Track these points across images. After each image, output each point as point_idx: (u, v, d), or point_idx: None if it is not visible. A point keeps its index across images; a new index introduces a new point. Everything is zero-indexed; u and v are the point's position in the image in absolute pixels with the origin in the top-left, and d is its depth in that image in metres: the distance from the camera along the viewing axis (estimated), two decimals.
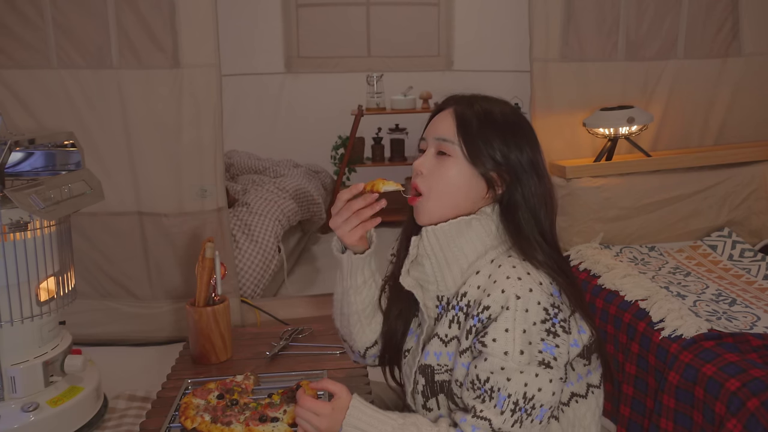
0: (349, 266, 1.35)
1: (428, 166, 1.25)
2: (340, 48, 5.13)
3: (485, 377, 1.13)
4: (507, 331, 1.12)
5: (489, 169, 1.22)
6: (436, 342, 1.26)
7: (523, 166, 1.23)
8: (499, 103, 1.29)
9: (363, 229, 1.28)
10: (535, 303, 1.13)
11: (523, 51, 2.92)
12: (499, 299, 1.14)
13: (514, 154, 1.23)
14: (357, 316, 1.40)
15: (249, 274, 3.16)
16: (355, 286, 1.37)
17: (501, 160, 1.22)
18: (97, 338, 2.85)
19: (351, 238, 1.29)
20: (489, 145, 1.22)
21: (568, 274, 1.22)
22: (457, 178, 1.23)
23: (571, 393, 1.24)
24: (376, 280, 1.40)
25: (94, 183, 2.15)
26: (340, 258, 1.35)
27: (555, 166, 2.84)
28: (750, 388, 1.65)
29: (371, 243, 1.36)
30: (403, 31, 5.13)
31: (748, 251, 2.66)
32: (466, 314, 1.21)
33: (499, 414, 1.12)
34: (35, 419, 1.93)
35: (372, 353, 1.45)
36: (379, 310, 1.43)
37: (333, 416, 1.18)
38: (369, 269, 1.37)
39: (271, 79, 5.07)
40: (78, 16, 2.68)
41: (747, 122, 3.05)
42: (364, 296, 1.38)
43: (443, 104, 1.31)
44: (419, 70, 5.05)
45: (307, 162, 4.81)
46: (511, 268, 1.17)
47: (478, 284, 1.21)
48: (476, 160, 1.22)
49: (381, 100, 4.51)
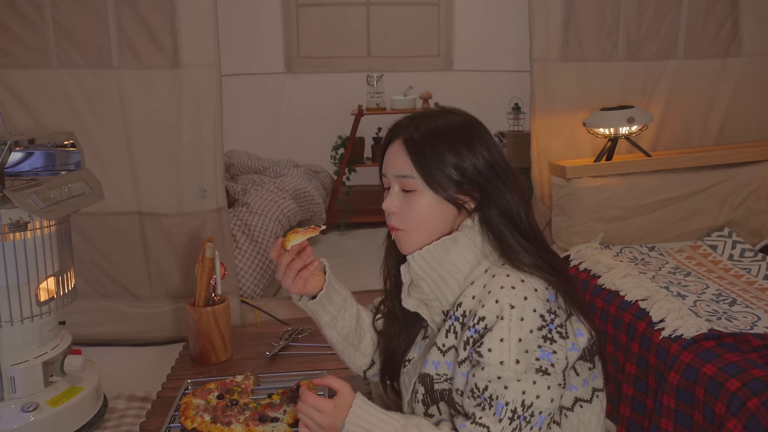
0: (309, 312, 1.40)
1: (398, 205, 1.26)
2: (340, 48, 5.13)
3: (483, 386, 1.14)
4: (502, 341, 1.12)
5: (453, 193, 1.22)
6: (434, 351, 1.26)
7: (483, 174, 1.22)
8: (445, 114, 1.28)
9: (302, 279, 1.32)
10: (531, 311, 1.13)
11: (523, 51, 2.92)
12: (494, 309, 1.14)
13: (470, 163, 1.21)
14: (341, 346, 1.44)
15: (249, 274, 3.16)
16: (326, 324, 1.40)
17: (460, 178, 1.21)
18: (97, 338, 2.85)
19: (295, 288, 1.33)
20: (444, 166, 1.21)
21: (559, 271, 1.22)
22: (427, 209, 1.23)
23: (575, 398, 1.24)
24: (348, 308, 1.42)
25: (94, 183, 2.15)
26: (299, 306, 1.40)
27: (555, 166, 2.84)
28: (750, 388, 1.65)
29: (326, 272, 1.38)
30: (403, 31, 5.13)
31: (748, 251, 2.65)
32: (462, 324, 1.22)
33: (498, 422, 1.12)
34: (35, 419, 1.93)
35: (372, 373, 1.47)
36: (369, 331, 1.45)
37: (335, 413, 1.17)
38: (333, 305, 1.40)
39: (271, 79, 5.07)
40: (78, 16, 2.68)
41: (747, 122, 3.05)
42: (340, 329, 1.41)
43: (391, 135, 1.29)
44: (419, 70, 5.04)
45: (307, 162, 4.80)
46: (505, 277, 1.17)
47: (473, 294, 1.21)
48: (438, 188, 1.22)
49: (381, 100, 4.50)
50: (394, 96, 4.53)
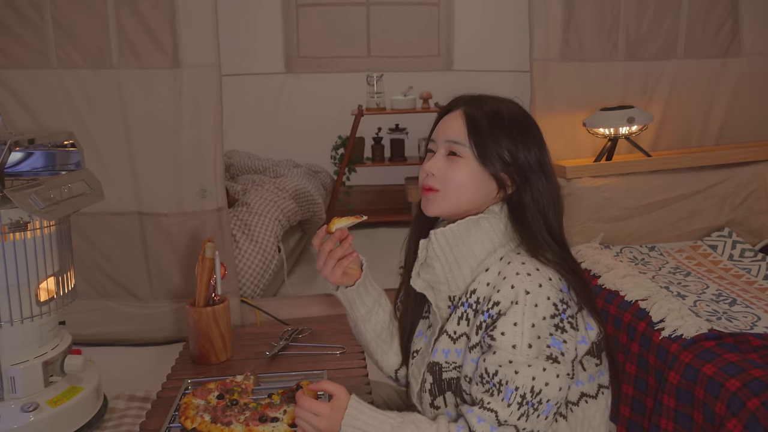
0: (347, 301, 1.40)
1: (439, 168, 1.27)
2: (340, 48, 5.13)
3: (494, 371, 1.15)
4: (515, 325, 1.13)
5: (499, 170, 1.24)
6: (444, 339, 1.27)
7: (531, 166, 1.25)
8: (506, 102, 1.30)
9: (341, 268, 1.33)
10: (545, 298, 1.14)
11: (523, 51, 2.92)
12: (509, 294, 1.15)
13: (523, 154, 1.25)
14: (375, 343, 1.44)
15: (249, 274, 3.16)
16: (361, 317, 1.41)
17: (510, 160, 1.24)
18: (97, 338, 2.85)
19: (334, 277, 1.34)
20: (499, 146, 1.24)
21: (577, 272, 1.23)
22: (468, 178, 1.25)
23: (581, 393, 1.25)
24: (383, 303, 1.43)
25: (94, 183, 2.15)
26: (337, 296, 1.40)
27: (555, 166, 2.82)
28: (750, 388, 1.65)
29: (363, 267, 1.39)
30: (403, 31, 5.12)
31: (748, 251, 2.66)
32: (475, 311, 1.22)
33: (506, 407, 1.13)
34: (35, 419, 1.93)
35: (403, 374, 1.46)
36: (398, 332, 1.45)
37: (332, 416, 1.18)
38: (369, 297, 1.40)
39: (271, 79, 5.07)
40: (78, 16, 2.68)
41: (747, 122, 3.05)
42: (374, 324, 1.42)
43: (451, 105, 1.31)
44: (419, 70, 5.04)
45: (307, 162, 4.80)
46: (520, 265, 1.18)
47: (487, 281, 1.22)
48: (487, 161, 1.24)
49: (381, 100, 4.50)
50: (394, 96, 4.53)
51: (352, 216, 1.33)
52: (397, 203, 4.81)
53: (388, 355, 1.45)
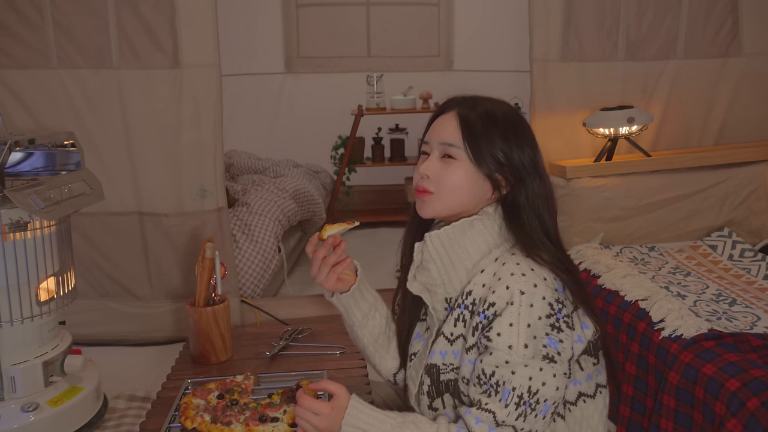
0: (342, 307, 1.40)
1: (434, 170, 1.27)
2: (340, 48, 5.13)
3: (491, 371, 1.15)
4: (511, 326, 1.14)
5: (494, 171, 1.24)
6: (441, 341, 1.27)
7: (525, 167, 1.25)
8: (499, 103, 1.31)
9: (335, 274, 1.34)
10: (540, 298, 1.15)
11: (523, 51, 2.92)
12: (504, 295, 1.16)
13: (517, 154, 1.25)
14: (372, 348, 1.44)
15: (249, 274, 3.16)
16: (358, 322, 1.41)
17: (505, 161, 1.24)
18: (97, 338, 2.85)
19: (328, 283, 1.35)
20: (493, 147, 1.24)
21: (572, 272, 1.24)
22: (463, 180, 1.25)
23: (579, 392, 1.25)
24: (379, 308, 1.44)
25: (94, 183, 2.15)
26: (333, 302, 1.41)
27: (555, 166, 2.84)
28: (750, 388, 1.65)
29: (357, 272, 1.40)
30: (403, 31, 5.12)
31: (748, 251, 2.66)
32: (471, 312, 1.23)
33: (504, 407, 1.13)
34: (35, 419, 1.93)
35: (401, 377, 1.47)
36: (395, 336, 1.46)
37: (332, 416, 1.18)
38: (365, 302, 1.41)
39: (271, 79, 5.07)
40: (78, 16, 2.68)
41: (747, 122, 3.05)
42: (371, 328, 1.43)
43: (444, 106, 1.32)
44: (419, 70, 5.04)
45: (307, 162, 4.80)
46: (515, 265, 1.18)
47: (483, 282, 1.22)
48: (481, 162, 1.24)
49: (381, 100, 4.50)
50: (394, 96, 4.53)
51: (344, 222, 1.34)
52: (396, 203, 4.81)
53: (386, 359, 1.45)
